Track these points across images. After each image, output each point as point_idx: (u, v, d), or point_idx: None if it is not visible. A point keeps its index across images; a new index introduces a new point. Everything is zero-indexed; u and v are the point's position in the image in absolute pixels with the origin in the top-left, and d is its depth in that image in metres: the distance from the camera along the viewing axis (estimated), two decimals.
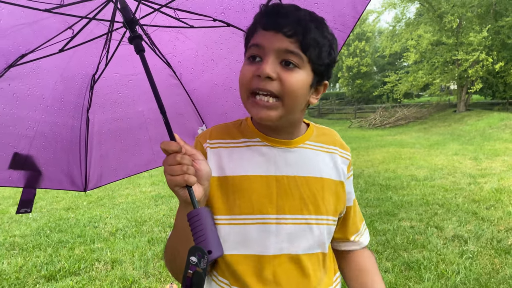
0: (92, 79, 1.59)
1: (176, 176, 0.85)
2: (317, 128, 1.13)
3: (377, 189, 7.01)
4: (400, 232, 4.71)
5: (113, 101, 1.71)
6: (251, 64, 0.93)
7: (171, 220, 5.58)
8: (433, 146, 12.88)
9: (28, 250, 4.57)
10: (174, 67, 1.68)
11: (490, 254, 3.97)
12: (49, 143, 1.59)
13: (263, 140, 1.03)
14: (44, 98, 1.50)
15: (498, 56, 21.07)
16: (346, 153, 1.14)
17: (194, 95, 1.79)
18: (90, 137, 1.71)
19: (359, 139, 16.20)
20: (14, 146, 1.49)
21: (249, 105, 0.94)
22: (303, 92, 0.94)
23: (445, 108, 25.14)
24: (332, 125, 24.46)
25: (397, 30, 26.31)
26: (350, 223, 1.18)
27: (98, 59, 1.51)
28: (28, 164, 1.54)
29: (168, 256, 1.03)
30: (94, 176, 1.80)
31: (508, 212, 5.29)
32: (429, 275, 3.54)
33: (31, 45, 1.32)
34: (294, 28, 0.89)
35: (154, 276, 3.76)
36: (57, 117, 1.58)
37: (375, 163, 9.91)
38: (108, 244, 4.69)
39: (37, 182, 1.60)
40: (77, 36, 1.33)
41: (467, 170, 8.32)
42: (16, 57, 1.33)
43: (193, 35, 1.55)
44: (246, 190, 0.99)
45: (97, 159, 1.77)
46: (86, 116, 1.66)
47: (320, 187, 1.04)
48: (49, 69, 1.44)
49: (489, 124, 16.80)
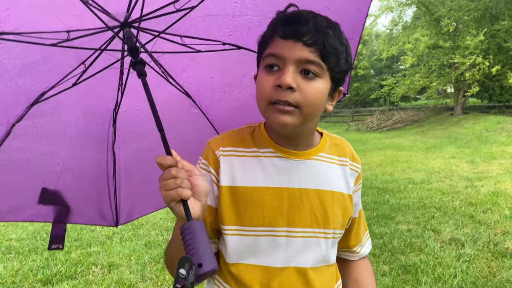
0: (113, 113, 1.59)
1: (171, 190, 0.82)
2: (330, 138, 1.12)
3: (375, 192, 7.02)
4: (397, 235, 4.71)
5: (136, 134, 1.70)
6: (269, 73, 0.91)
7: (168, 223, 5.57)
8: (430, 149, 12.91)
9: (24, 253, 4.55)
10: (193, 96, 1.66)
11: (487, 258, 3.98)
12: (76, 178, 1.60)
13: (276, 151, 1.01)
14: (67, 134, 1.51)
15: (495, 59, 21.17)
16: (356, 166, 1.13)
17: (216, 122, 1.78)
18: (118, 171, 1.70)
19: (357, 142, 16.22)
20: (42, 181, 1.51)
21: (269, 112, 0.92)
22: (321, 100, 0.92)
23: (442, 111, 25.20)
24: (330, 128, 24.50)
25: (394, 34, 26.39)
26: (353, 234, 1.18)
27: (116, 92, 1.51)
28: (57, 199, 1.55)
29: (168, 262, 1.04)
30: (124, 210, 1.78)
31: (505, 215, 5.30)
32: (426, 278, 3.54)
33: (48, 83, 1.33)
34: (314, 37, 0.87)
35: (151, 280, 3.74)
36: (82, 153, 1.59)
37: (373, 166, 9.92)
38: (104, 247, 4.67)
39: (67, 217, 1.61)
40: (90, 70, 1.34)
41: (464, 173, 8.34)
42: (37, 95, 1.34)
43: (206, 61, 1.53)
44: (257, 201, 0.98)
45: (126, 193, 1.75)
46: (112, 150, 1.65)
47: (330, 201, 1.03)
48: (69, 105, 1.46)
49: (485, 127, 16.85)
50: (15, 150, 1.41)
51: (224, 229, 0.99)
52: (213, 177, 1.01)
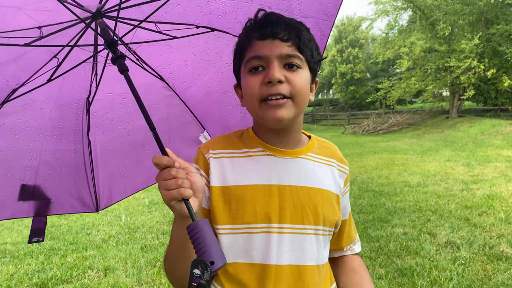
0: (86, 102, 1.60)
1: (172, 190, 0.84)
2: (318, 141, 1.16)
3: (371, 195, 7.03)
4: (393, 239, 4.72)
5: (111, 121, 1.72)
6: (254, 75, 0.97)
7: (164, 227, 5.56)
8: (426, 152, 12.96)
9: (20, 257, 4.53)
10: (166, 79, 1.69)
11: (482, 261, 4.00)
12: (54, 171, 1.61)
13: (266, 150, 1.05)
14: (42, 128, 1.52)
15: (490, 63, 21.29)
16: (343, 167, 1.16)
17: (191, 103, 1.81)
18: (94, 158, 1.73)
19: (353, 145, 16.26)
20: (20, 178, 1.51)
21: (262, 110, 0.97)
22: (307, 89, 1.00)
23: (437, 114, 25.31)
24: (326, 131, 24.54)
25: (390, 37, 26.49)
26: (345, 236, 1.21)
27: (89, 82, 1.52)
28: (37, 193, 1.56)
29: (167, 266, 1.03)
30: (104, 196, 1.81)
31: (500, 218, 5.33)
32: (422, 281, 3.55)
33: (20, 79, 1.33)
34: (288, 33, 0.96)
35: (147, 284, 3.73)
36: (58, 144, 1.59)
37: (369, 169, 9.94)
38: (100, 251, 4.66)
39: (48, 209, 1.62)
40: (64, 63, 1.35)
41: (459, 177, 8.38)
42: (8, 92, 1.34)
43: (179, 44, 1.56)
44: (249, 199, 1.00)
45: (105, 179, 1.78)
46: (87, 139, 1.67)
47: (320, 198, 1.06)
48: (42, 99, 1.46)
49: (481, 131, 16.94)
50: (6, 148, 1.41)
51: (217, 228, 1.01)
52: (204, 180, 1.03)
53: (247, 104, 1.02)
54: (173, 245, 0.97)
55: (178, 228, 0.92)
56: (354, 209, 6.10)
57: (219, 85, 1.70)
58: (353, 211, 5.59)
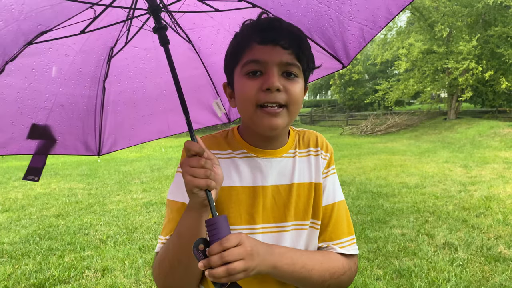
0: (110, 51, 1.60)
1: (199, 179, 0.86)
2: (297, 133, 1.16)
3: (369, 196, 7.04)
4: (391, 240, 4.73)
5: (129, 72, 1.73)
6: (251, 79, 0.96)
7: (162, 227, 5.54)
8: (423, 154, 12.98)
9: (17, 257, 4.51)
10: (194, 42, 1.70)
11: (480, 262, 4.00)
12: (66, 113, 1.64)
13: (249, 151, 1.06)
14: (62, 72, 1.53)
15: (488, 65, 21.37)
16: (320, 151, 1.13)
17: (212, 69, 1.82)
18: (106, 105, 1.75)
19: (351, 146, 16.28)
20: (32, 117, 1.54)
21: (257, 116, 0.96)
22: (302, 98, 1.01)
23: (435, 116, 25.38)
24: (324, 132, 24.56)
25: (389, 39, 26.55)
26: (330, 228, 1.09)
27: (118, 34, 1.53)
28: (46, 133, 1.58)
29: (165, 269, 0.97)
30: (108, 142, 1.85)
31: (498, 219, 5.34)
32: (420, 282, 3.56)
33: (51, 23, 1.33)
34: (289, 41, 0.95)
35: (145, 284, 3.73)
36: (74, 89, 1.62)
37: (367, 170, 9.96)
38: (98, 251, 4.65)
39: (52, 148, 1.64)
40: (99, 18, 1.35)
41: (457, 178, 8.39)
42: (35, 35, 1.34)
43: (217, 14, 1.56)
44: (235, 201, 1.02)
45: (112, 126, 1.81)
46: (103, 85, 1.69)
47: (301, 192, 1.07)
48: (68, 44, 1.47)
49: (478, 132, 16.98)
50: (8, 87, 1.42)
51: None
52: None
53: (240, 106, 1.02)
54: (181, 239, 0.93)
55: (192, 220, 0.91)
56: (352, 210, 6.10)
57: None
58: (351, 212, 5.59)
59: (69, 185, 9.16)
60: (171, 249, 0.96)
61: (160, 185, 8.78)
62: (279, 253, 0.94)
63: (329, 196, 1.11)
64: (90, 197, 7.69)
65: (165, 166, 12.07)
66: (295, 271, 0.95)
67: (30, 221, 6.09)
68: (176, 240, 0.95)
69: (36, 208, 6.90)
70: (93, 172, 11.24)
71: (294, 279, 0.96)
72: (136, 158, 14.68)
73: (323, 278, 0.99)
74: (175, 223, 1.01)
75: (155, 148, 18.00)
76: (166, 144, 19.28)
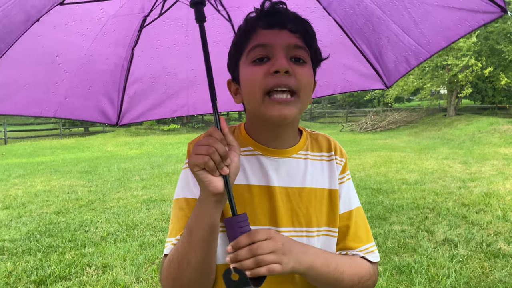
0: (143, 20, 1.56)
1: (198, 155, 0.80)
2: (310, 135, 1.10)
3: (368, 192, 7.05)
4: (391, 236, 4.74)
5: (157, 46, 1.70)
6: (258, 65, 0.91)
7: (162, 224, 5.56)
8: (423, 150, 12.99)
9: (18, 255, 4.52)
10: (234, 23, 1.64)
11: (479, 258, 4.02)
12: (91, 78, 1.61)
13: (256, 149, 1.00)
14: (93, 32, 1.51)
15: (487, 61, 21.37)
16: (334, 157, 1.08)
17: None
18: (131, 73, 1.71)
19: (351, 143, 16.29)
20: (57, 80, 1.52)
21: (266, 105, 0.90)
22: (312, 86, 0.96)
23: (435, 112, 25.39)
24: (324, 129, 24.57)
25: None
26: (350, 236, 1.05)
27: (153, 3, 1.49)
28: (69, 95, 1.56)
29: (173, 270, 0.89)
30: (129, 112, 1.81)
31: (497, 216, 5.36)
32: (420, 279, 3.57)
33: None
34: (296, 24, 0.92)
35: (145, 281, 3.74)
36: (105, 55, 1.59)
37: (366, 166, 9.97)
38: (99, 248, 4.66)
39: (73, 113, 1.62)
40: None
41: (457, 174, 8.41)
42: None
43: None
44: (239, 200, 0.95)
45: (134, 97, 1.77)
46: (131, 52, 1.65)
47: (313, 198, 1.01)
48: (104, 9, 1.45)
49: (478, 129, 17.00)
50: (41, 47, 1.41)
51: None
52: None
53: (246, 96, 0.95)
54: (192, 237, 0.86)
55: (204, 219, 0.84)
56: None
57: None
58: None
59: (69, 182, 9.17)
60: (179, 248, 0.89)
61: (160, 182, 8.78)
62: (314, 253, 0.90)
63: (345, 203, 1.06)
64: (90, 194, 7.70)
65: (165, 163, 12.07)
66: (329, 272, 0.90)
67: (30, 218, 6.10)
68: (188, 238, 0.87)
69: (37, 205, 6.90)
70: (93, 169, 11.25)
71: (327, 281, 0.91)
72: (136, 155, 14.68)
73: (353, 282, 0.95)
74: (181, 222, 0.95)
75: (155, 145, 18.00)
76: (166, 141, 19.28)
